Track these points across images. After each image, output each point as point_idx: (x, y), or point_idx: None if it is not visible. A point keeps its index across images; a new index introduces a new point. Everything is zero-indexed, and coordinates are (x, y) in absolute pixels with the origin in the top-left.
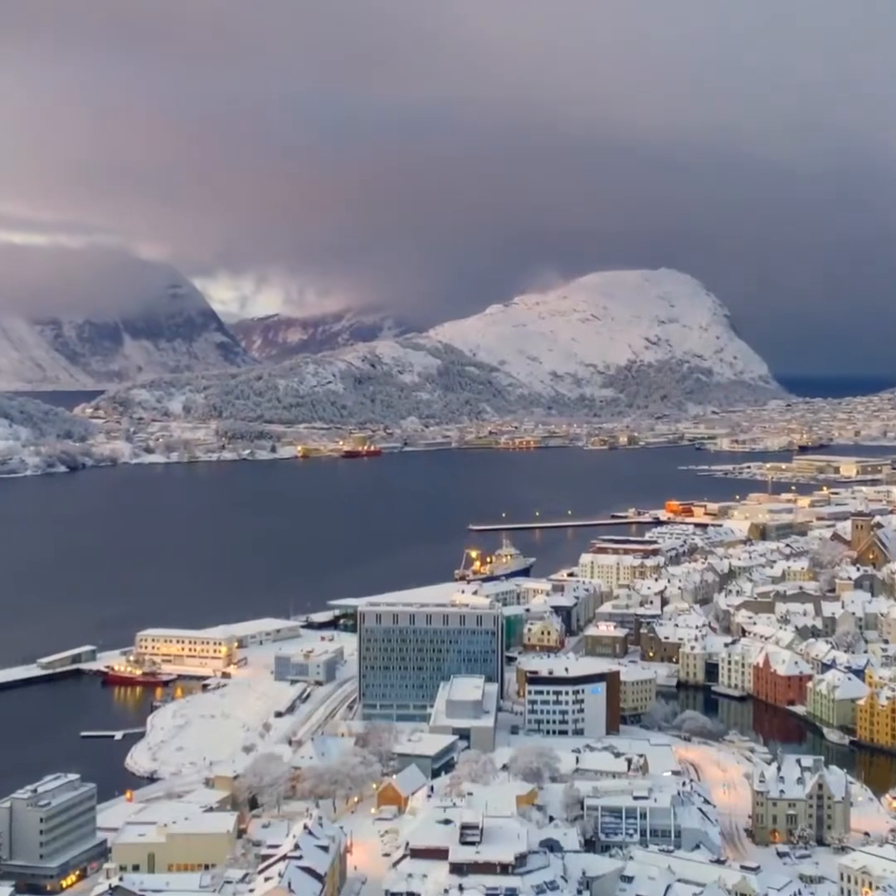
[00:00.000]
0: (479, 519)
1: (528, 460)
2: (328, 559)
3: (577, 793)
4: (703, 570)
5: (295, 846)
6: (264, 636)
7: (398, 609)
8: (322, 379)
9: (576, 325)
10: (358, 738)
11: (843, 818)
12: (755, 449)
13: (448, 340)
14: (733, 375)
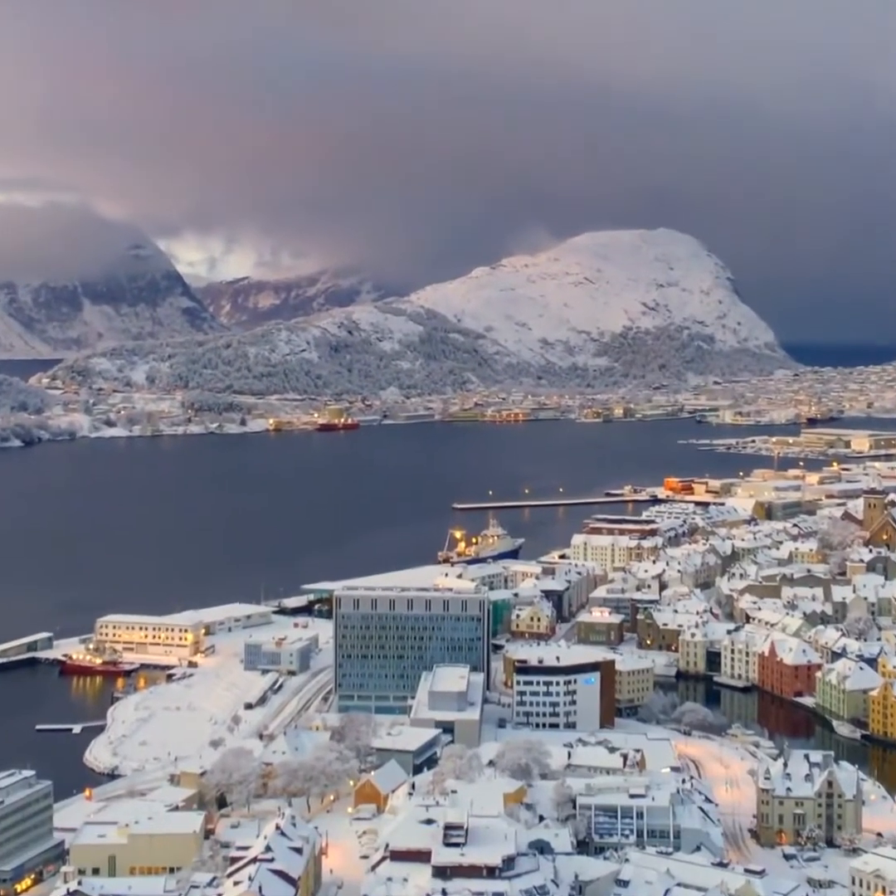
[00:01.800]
0: (464, 497)
1: (516, 434)
2: (302, 540)
3: (568, 791)
4: (704, 552)
5: (266, 848)
6: (233, 623)
7: (377, 594)
8: (295, 347)
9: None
10: (334, 732)
11: (854, 818)
12: (760, 422)
13: (431, 305)
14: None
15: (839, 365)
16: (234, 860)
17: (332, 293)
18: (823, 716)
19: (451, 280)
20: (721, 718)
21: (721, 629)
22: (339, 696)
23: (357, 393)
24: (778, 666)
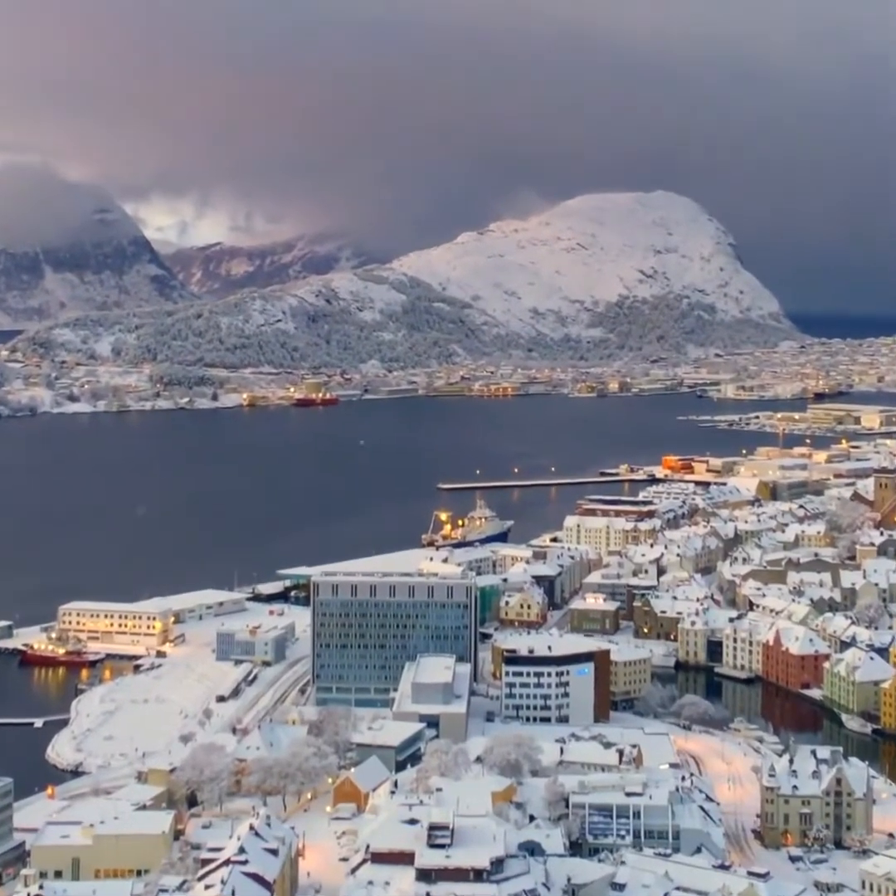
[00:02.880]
0: (450, 477)
1: (505, 409)
2: (278, 522)
3: (561, 788)
4: (704, 535)
5: (239, 849)
6: (204, 610)
7: (357, 579)
8: (270, 317)
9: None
10: (311, 727)
11: (864, 817)
12: (764, 397)
13: (414, 273)
14: (739, 313)
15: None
16: (205, 862)
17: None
18: (832, 709)
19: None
20: (723, 712)
21: (723, 617)
22: (316, 688)
23: (336, 366)
24: (783, 656)
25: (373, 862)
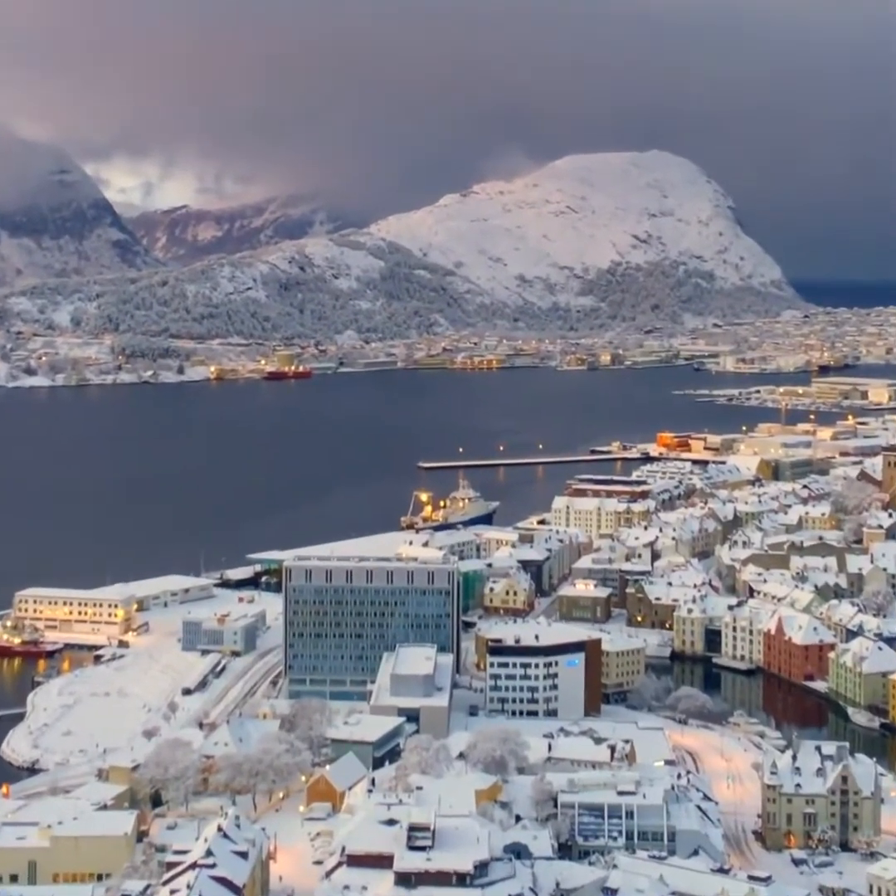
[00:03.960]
0: (431, 455)
1: (489, 383)
2: (247, 504)
3: (549, 787)
4: (702, 517)
5: (207, 852)
6: (170, 597)
7: (332, 564)
8: (240, 284)
9: (548, 220)
10: (283, 721)
11: (872, 817)
12: (766, 370)
13: (393, 238)
14: (739, 280)
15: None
16: (170, 866)
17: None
18: (837, 702)
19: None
20: (721, 705)
21: (721, 604)
22: (289, 681)
23: (310, 337)
24: (786, 646)
25: (349, 865)
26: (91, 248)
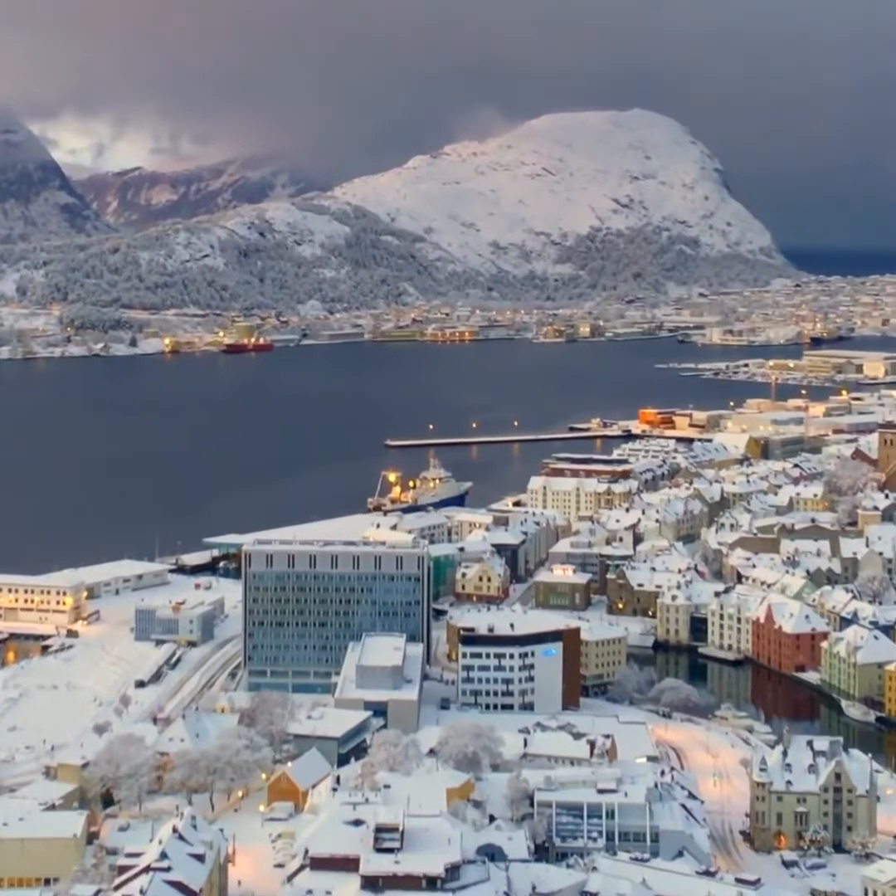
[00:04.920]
0: (400, 432)
1: (461, 356)
2: (204, 484)
3: (524, 785)
4: (687, 498)
5: (161, 855)
6: (122, 583)
7: (295, 548)
8: (196, 251)
9: (523, 183)
10: (243, 715)
11: (867, 817)
12: (755, 342)
13: (359, 202)
14: (726, 247)
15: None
16: (122, 870)
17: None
18: (830, 694)
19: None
20: (708, 698)
21: (707, 591)
22: (248, 672)
23: (271, 307)
24: (776, 635)
25: (312, 868)
26: (38, 212)
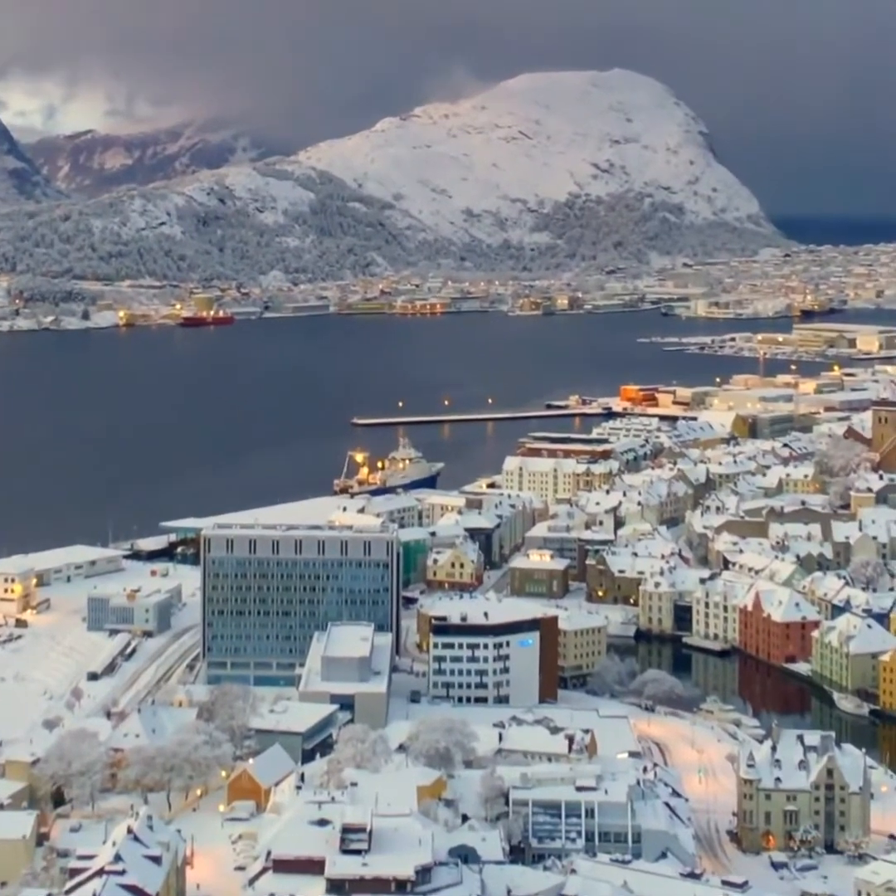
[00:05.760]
0: (367, 410)
1: (433, 330)
2: (161, 466)
3: (499, 782)
4: (670, 480)
5: (115, 857)
6: (73, 570)
7: (256, 533)
8: (153, 219)
9: (498, 146)
10: (201, 709)
11: (860, 815)
12: (742, 315)
13: (325, 167)
14: (712, 215)
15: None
16: (74, 872)
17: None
18: (821, 686)
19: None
20: (692, 690)
21: (692, 577)
22: (208, 664)
23: (231, 278)
24: (764, 624)
25: (275, 871)
26: None
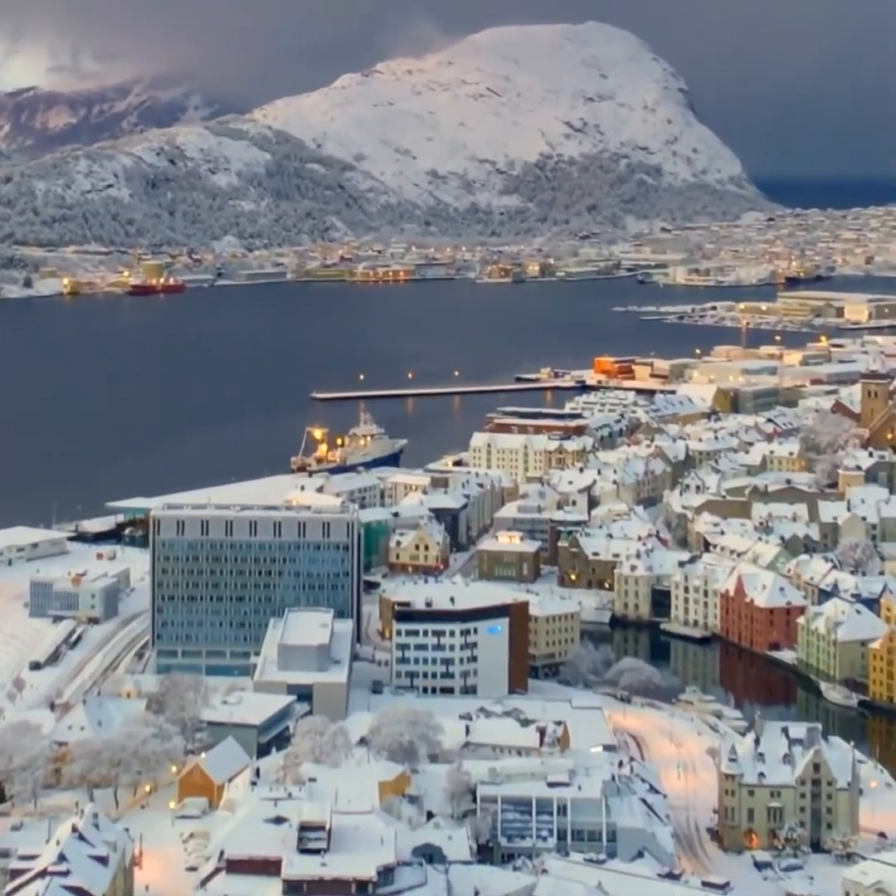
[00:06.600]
0: (327, 384)
1: (396, 298)
2: (109, 441)
3: (466, 778)
4: (648, 457)
5: (59, 857)
6: (14, 553)
7: (209, 513)
8: (99, 181)
9: (465, 104)
10: (151, 701)
11: (848, 812)
12: (723, 283)
13: (281, 126)
14: (692, 177)
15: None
16: (15, 874)
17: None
18: (808, 676)
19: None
20: (671, 680)
21: (671, 560)
22: (157, 652)
23: (182, 244)
24: (747, 609)
25: (228, 872)
26: None
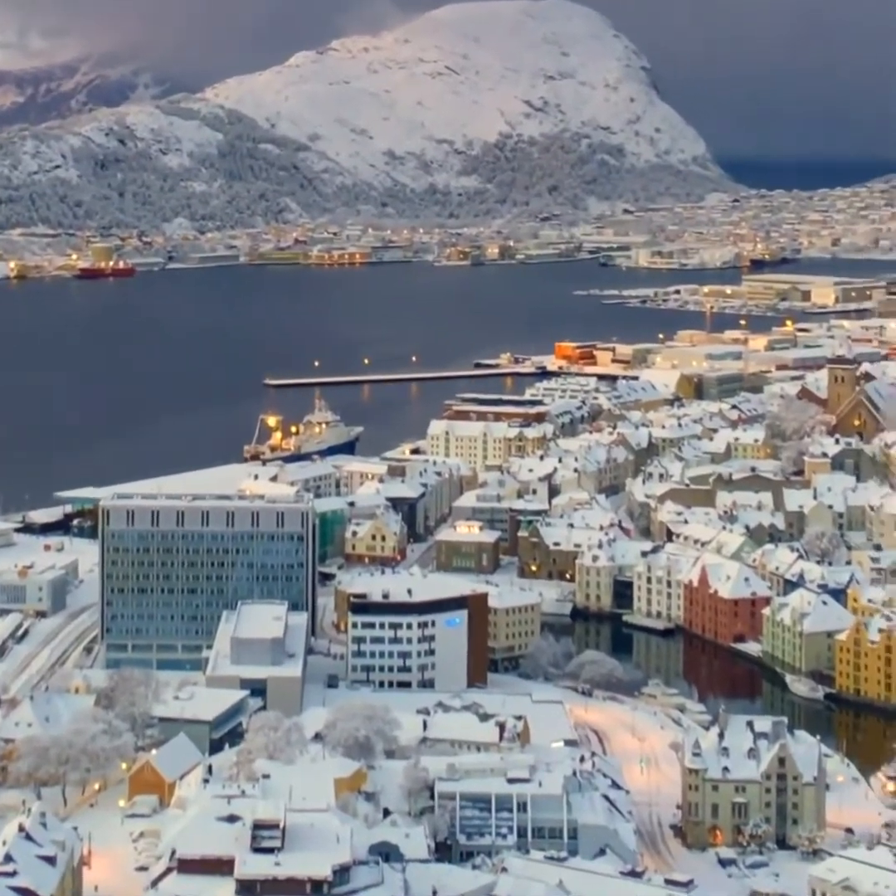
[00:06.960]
0: (280, 370)
1: (352, 282)
2: (56, 429)
3: (424, 774)
4: (609, 445)
5: (5, 857)
6: None
7: (159, 503)
8: (46, 162)
9: (423, 83)
10: (100, 696)
11: (815, 808)
12: (687, 266)
13: (234, 105)
14: (655, 157)
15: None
16: None
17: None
18: (773, 668)
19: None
20: (633, 673)
21: (633, 550)
22: (106, 646)
23: (132, 226)
24: (711, 600)
25: (179, 871)
26: None
